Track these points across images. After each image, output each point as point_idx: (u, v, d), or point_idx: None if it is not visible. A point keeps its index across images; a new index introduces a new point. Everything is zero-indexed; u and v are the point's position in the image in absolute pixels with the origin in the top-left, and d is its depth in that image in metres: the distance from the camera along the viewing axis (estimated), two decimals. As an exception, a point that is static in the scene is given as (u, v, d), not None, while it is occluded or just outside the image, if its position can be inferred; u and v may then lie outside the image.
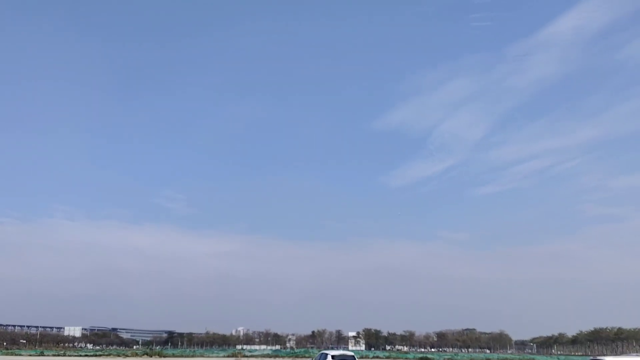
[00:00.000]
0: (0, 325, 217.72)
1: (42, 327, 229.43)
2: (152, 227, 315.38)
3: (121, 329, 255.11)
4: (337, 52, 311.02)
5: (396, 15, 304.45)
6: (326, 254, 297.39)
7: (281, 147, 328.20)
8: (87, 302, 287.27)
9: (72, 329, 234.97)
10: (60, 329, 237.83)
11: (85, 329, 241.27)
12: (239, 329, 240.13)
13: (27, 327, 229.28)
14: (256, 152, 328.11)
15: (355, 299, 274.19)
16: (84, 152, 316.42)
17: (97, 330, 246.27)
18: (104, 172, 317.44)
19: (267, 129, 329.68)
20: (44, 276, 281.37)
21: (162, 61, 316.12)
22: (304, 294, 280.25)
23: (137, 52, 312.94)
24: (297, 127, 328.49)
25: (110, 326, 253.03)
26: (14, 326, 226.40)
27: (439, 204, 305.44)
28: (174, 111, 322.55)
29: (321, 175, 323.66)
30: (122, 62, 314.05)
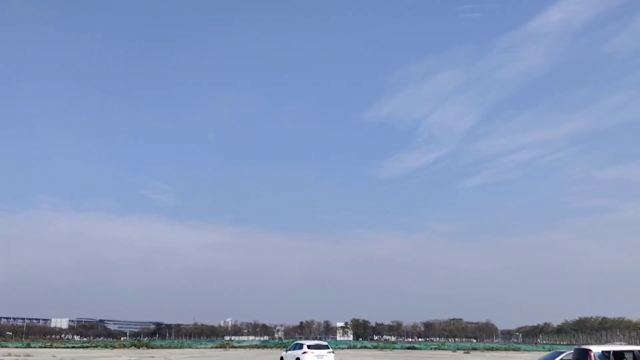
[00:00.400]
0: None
1: (29, 319, 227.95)
2: (140, 218, 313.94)
3: (108, 321, 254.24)
4: (326, 44, 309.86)
5: (384, 7, 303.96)
6: (314, 245, 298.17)
7: (269, 138, 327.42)
8: (74, 293, 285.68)
9: (58, 320, 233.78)
10: (46, 320, 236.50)
11: (72, 321, 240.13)
12: (227, 320, 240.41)
13: (13, 318, 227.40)
14: (244, 143, 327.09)
15: (343, 290, 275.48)
16: (69, 144, 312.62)
17: (84, 321, 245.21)
18: (90, 164, 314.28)
19: (255, 121, 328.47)
20: (30, 268, 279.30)
21: (148, 54, 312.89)
22: (292, 285, 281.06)
23: (123, 45, 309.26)
24: (285, 119, 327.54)
25: (97, 318, 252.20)
26: (0, 318, 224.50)
27: (428, 196, 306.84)
28: (162, 103, 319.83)
29: (309, 167, 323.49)
30: (108, 55, 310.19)
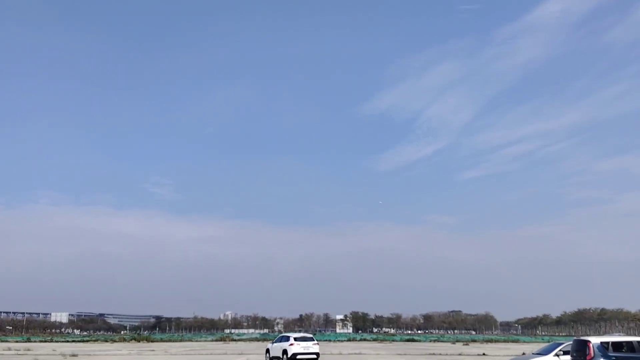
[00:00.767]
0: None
1: (29, 314, 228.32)
2: (139, 212, 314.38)
3: (108, 315, 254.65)
4: (324, 38, 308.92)
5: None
6: (314, 238, 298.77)
7: (268, 132, 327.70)
8: (74, 287, 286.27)
9: (58, 314, 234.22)
10: (46, 315, 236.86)
11: (72, 315, 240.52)
12: (227, 313, 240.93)
13: (13, 313, 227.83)
14: (243, 137, 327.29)
15: (342, 282, 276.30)
16: (68, 139, 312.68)
17: (84, 316, 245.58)
18: (88, 158, 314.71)
19: (254, 114, 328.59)
20: (30, 262, 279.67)
21: (147, 50, 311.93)
22: (291, 279, 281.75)
23: (122, 41, 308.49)
24: (284, 113, 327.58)
25: (97, 312, 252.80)
26: (0, 313, 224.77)
27: (426, 188, 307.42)
28: (160, 98, 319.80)
29: (308, 160, 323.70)
30: (107, 51, 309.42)
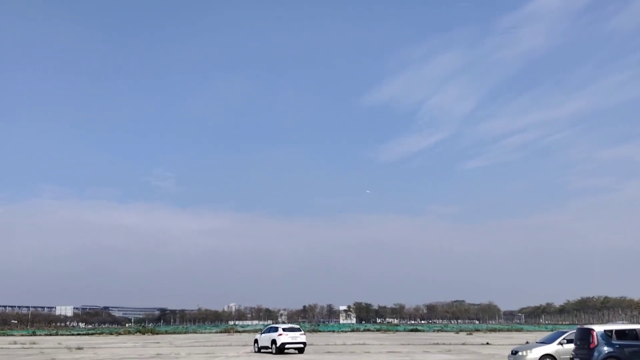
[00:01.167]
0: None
1: (34, 307, 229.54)
2: (142, 205, 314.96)
3: (113, 307, 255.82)
4: (326, 28, 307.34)
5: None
6: (316, 229, 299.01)
7: (270, 123, 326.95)
8: (78, 281, 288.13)
9: (63, 308, 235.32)
10: (51, 308, 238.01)
11: (76, 308, 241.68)
12: (230, 305, 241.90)
13: (19, 307, 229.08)
14: (245, 129, 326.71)
15: (345, 273, 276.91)
16: (71, 133, 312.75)
17: (89, 309, 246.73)
18: (91, 152, 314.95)
19: (256, 106, 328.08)
20: (34, 256, 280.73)
21: (147, 43, 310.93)
22: (295, 270, 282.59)
23: (122, 34, 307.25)
24: (286, 103, 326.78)
25: (102, 305, 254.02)
26: (5, 307, 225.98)
27: (429, 178, 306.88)
28: (162, 91, 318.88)
29: (310, 151, 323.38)
30: (108, 45, 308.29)
